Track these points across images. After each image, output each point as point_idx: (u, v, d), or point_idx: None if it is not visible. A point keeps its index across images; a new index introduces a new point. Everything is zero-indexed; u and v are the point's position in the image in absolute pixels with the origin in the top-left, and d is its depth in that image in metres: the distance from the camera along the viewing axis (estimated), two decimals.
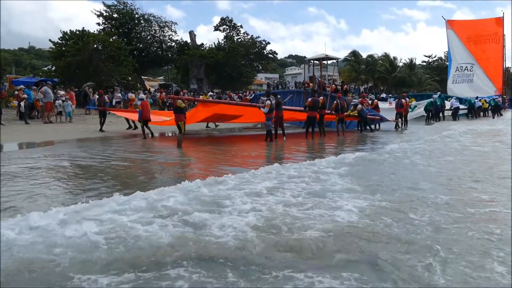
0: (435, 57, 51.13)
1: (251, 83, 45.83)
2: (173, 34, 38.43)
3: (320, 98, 13.69)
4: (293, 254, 3.04)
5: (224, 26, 42.11)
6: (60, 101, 17.58)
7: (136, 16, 35.92)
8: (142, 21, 36.35)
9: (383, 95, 32.08)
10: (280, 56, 67.24)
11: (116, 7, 34.80)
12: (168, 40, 38.35)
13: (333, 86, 19.11)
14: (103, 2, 42.80)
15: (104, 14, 34.26)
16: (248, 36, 41.90)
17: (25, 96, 16.58)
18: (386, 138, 13.17)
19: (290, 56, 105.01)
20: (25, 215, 3.72)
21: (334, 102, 14.81)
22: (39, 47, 70.31)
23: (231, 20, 42.39)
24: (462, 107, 24.59)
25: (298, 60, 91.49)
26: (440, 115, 22.65)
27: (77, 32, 27.29)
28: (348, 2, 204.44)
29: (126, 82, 28.28)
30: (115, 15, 34.73)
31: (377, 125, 17.26)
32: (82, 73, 24.57)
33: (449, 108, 23.69)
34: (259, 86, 54.68)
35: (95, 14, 33.97)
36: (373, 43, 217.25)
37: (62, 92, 18.68)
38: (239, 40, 41.00)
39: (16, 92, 18.38)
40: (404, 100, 18.37)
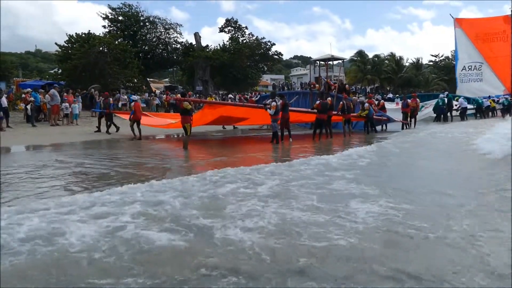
0: (442, 56, 50.64)
1: (257, 85, 45.71)
2: (178, 36, 38.50)
3: (328, 99, 13.56)
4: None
5: (229, 28, 41.97)
6: (66, 103, 17.67)
7: (142, 18, 36.02)
8: (147, 23, 36.43)
9: (390, 95, 31.80)
10: (285, 57, 67.09)
11: (121, 10, 34.96)
12: (173, 42, 38.33)
13: (335, 84, 18.76)
14: (108, 5, 42.96)
15: (110, 17, 34.44)
16: (253, 37, 41.72)
17: (32, 99, 16.73)
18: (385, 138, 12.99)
19: (296, 57, 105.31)
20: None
21: (340, 103, 14.60)
22: (45, 50, 70.98)
23: (236, 22, 42.20)
24: (470, 107, 24.21)
25: (304, 60, 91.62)
26: (448, 115, 22.26)
27: (83, 35, 27.46)
28: (353, 2, 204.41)
29: (132, 85, 28.36)
30: (121, 18, 34.86)
31: (384, 125, 17.08)
32: (88, 75, 24.67)
33: (456, 108, 23.31)
34: (264, 87, 54.60)
35: (101, 16, 34.18)
36: (378, 43, 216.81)
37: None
38: (244, 41, 40.91)
39: (23, 95, 18.50)
40: (415, 100, 18.23)
